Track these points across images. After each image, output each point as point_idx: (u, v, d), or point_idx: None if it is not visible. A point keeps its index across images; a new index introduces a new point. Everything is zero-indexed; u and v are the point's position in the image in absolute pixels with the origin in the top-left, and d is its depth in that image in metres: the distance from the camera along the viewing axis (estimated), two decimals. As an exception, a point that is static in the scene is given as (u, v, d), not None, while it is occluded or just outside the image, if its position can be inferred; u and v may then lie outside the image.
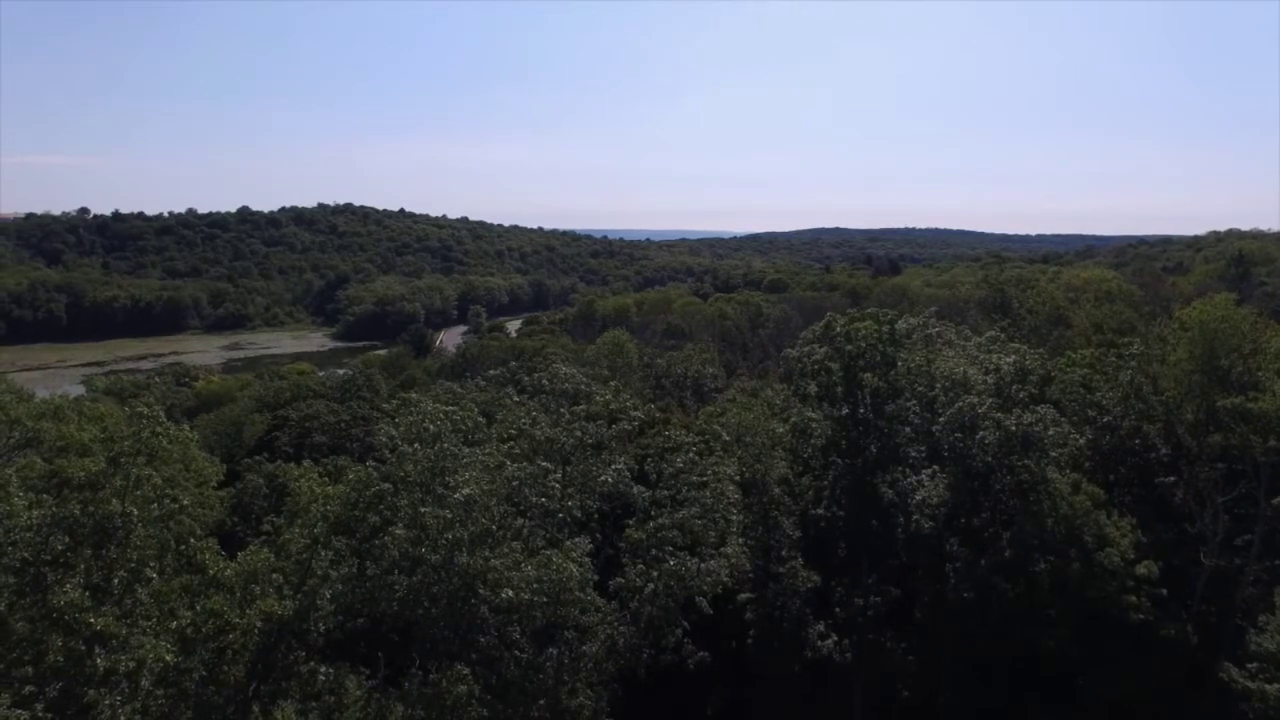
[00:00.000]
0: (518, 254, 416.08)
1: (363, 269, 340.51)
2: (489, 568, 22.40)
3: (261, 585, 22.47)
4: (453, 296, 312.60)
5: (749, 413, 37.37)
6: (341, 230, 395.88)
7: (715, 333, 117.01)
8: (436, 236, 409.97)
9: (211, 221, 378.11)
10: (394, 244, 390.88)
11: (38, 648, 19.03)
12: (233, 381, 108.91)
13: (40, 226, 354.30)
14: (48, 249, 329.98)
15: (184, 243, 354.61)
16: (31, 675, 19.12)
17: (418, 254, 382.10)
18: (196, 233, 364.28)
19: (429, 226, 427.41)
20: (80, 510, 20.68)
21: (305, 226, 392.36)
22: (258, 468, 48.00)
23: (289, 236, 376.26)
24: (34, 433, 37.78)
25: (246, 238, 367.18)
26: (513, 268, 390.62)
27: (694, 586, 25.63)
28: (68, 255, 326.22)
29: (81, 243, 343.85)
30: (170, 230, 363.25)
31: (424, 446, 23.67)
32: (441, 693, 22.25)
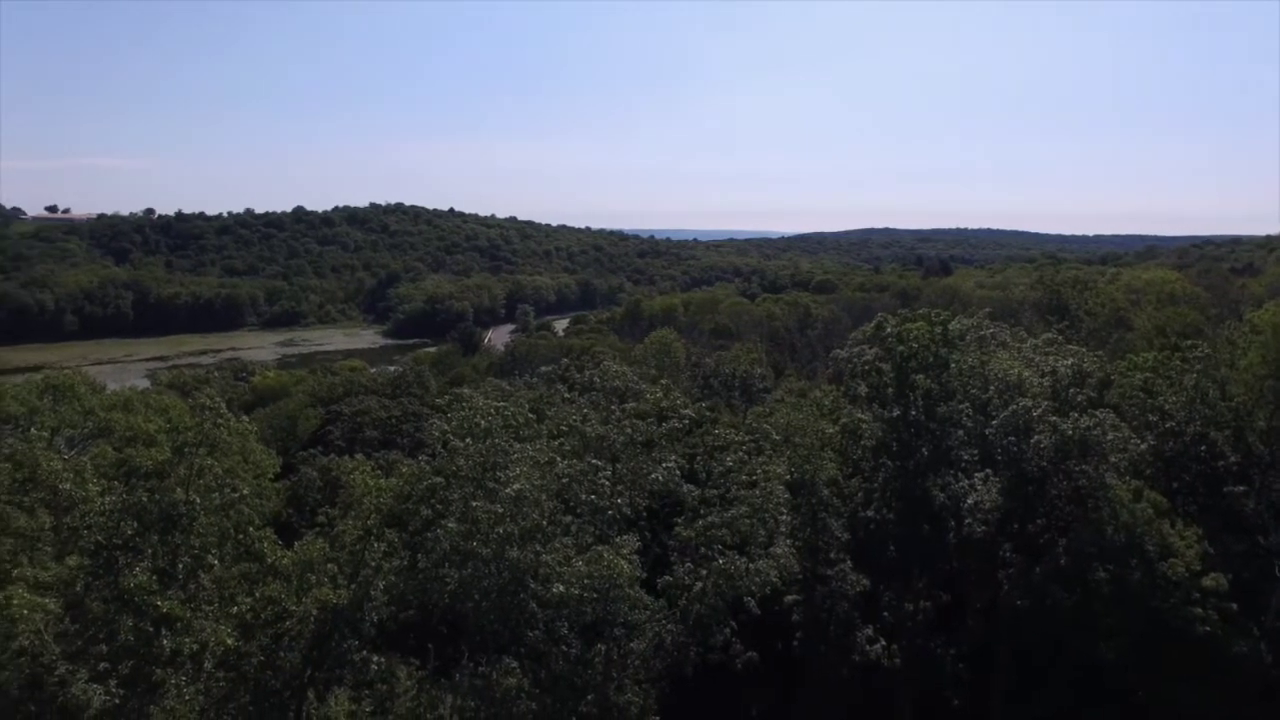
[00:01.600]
0: (565, 253, 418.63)
1: (413, 268, 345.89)
2: (539, 562, 22.60)
3: (317, 575, 23.02)
4: (501, 295, 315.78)
5: (798, 413, 37.07)
6: (393, 229, 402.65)
7: (763, 333, 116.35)
8: (485, 236, 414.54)
9: (268, 221, 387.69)
10: (443, 243, 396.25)
11: (110, 627, 19.88)
12: (287, 377, 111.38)
13: (110, 227, 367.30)
14: (116, 248, 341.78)
15: (242, 242, 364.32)
16: (105, 653, 19.97)
17: (467, 253, 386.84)
18: (254, 232, 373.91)
19: (478, 226, 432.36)
20: (148, 498, 21.46)
21: (357, 226, 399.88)
22: (312, 461, 49.20)
23: (342, 236, 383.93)
24: (105, 423, 39.30)
25: (301, 237, 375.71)
26: (560, 267, 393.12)
27: (742, 586, 25.50)
28: (134, 254, 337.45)
29: (147, 242, 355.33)
30: (229, 230, 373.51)
31: (475, 441, 23.97)
32: (491, 685, 22.51)
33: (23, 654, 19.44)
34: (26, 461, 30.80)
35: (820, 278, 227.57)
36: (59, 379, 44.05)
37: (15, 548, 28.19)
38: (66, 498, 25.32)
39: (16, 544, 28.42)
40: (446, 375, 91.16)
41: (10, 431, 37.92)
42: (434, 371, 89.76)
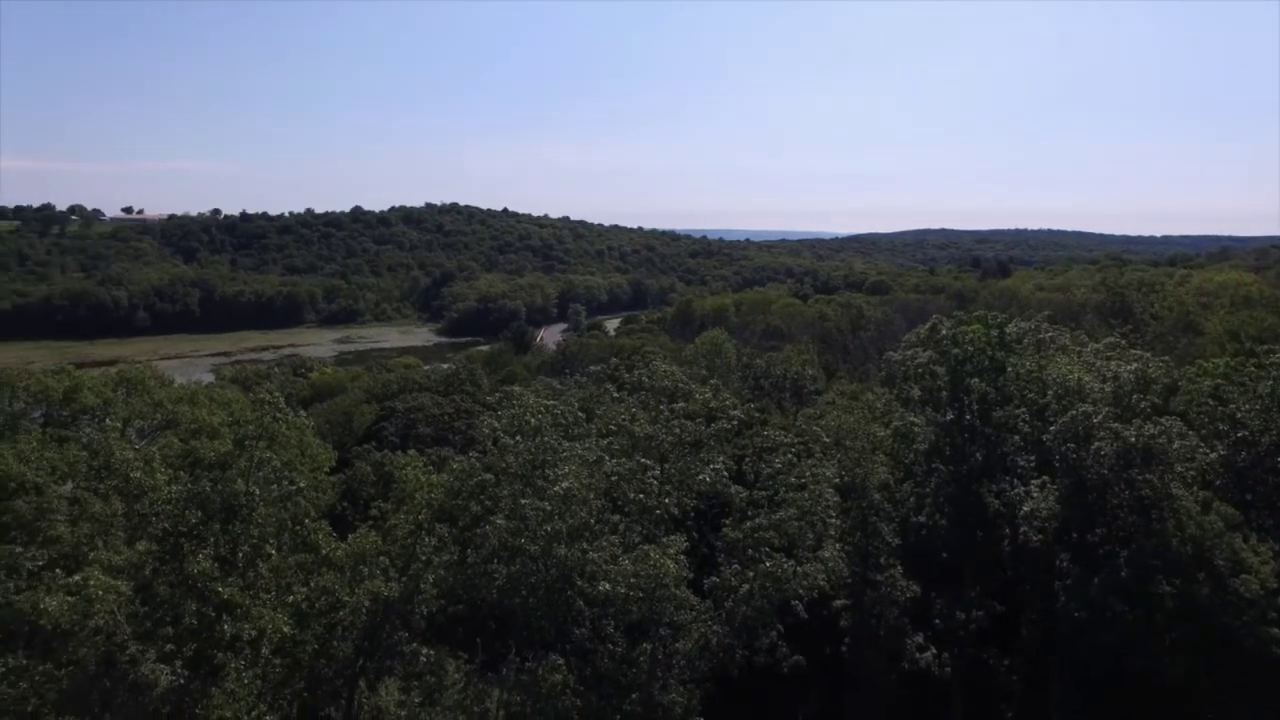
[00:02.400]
0: (617, 253, 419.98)
1: (467, 267, 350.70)
2: (586, 560, 22.74)
3: (369, 567, 23.51)
4: (553, 295, 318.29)
5: (849, 415, 36.63)
6: (447, 229, 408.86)
7: (815, 334, 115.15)
8: (538, 235, 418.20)
9: (327, 221, 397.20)
10: (497, 242, 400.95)
11: (176, 611, 20.69)
12: (344, 373, 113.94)
13: (180, 227, 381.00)
14: (185, 247, 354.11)
15: (302, 241, 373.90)
16: (171, 635, 20.80)
17: (520, 252, 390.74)
18: (314, 231, 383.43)
19: (531, 225, 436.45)
20: (211, 488, 22.21)
21: (413, 225, 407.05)
22: (366, 456, 50.19)
23: (398, 235, 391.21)
24: (173, 415, 40.78)
25: (359, 236, 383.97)
26: (612, 267, 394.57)
27: (789, 589, 25.29)
28: (201, 253, 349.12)
29: (213, 241, 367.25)
30: (290, 229, 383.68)
31: (525, 439, 24.23)
32: (537, 680, 22.72)
33: (98, 633, 20.35)
34: (102, 450, 32.22)
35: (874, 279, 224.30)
36: (131, 373, 45.80)
37: (92, 531, 29.55)
38: (137, 486, 26.35)
39: (93, 528, 29.79)
40: (498, 373, 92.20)
41: (88, 422, 39.65)
42: (486, 370, 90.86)
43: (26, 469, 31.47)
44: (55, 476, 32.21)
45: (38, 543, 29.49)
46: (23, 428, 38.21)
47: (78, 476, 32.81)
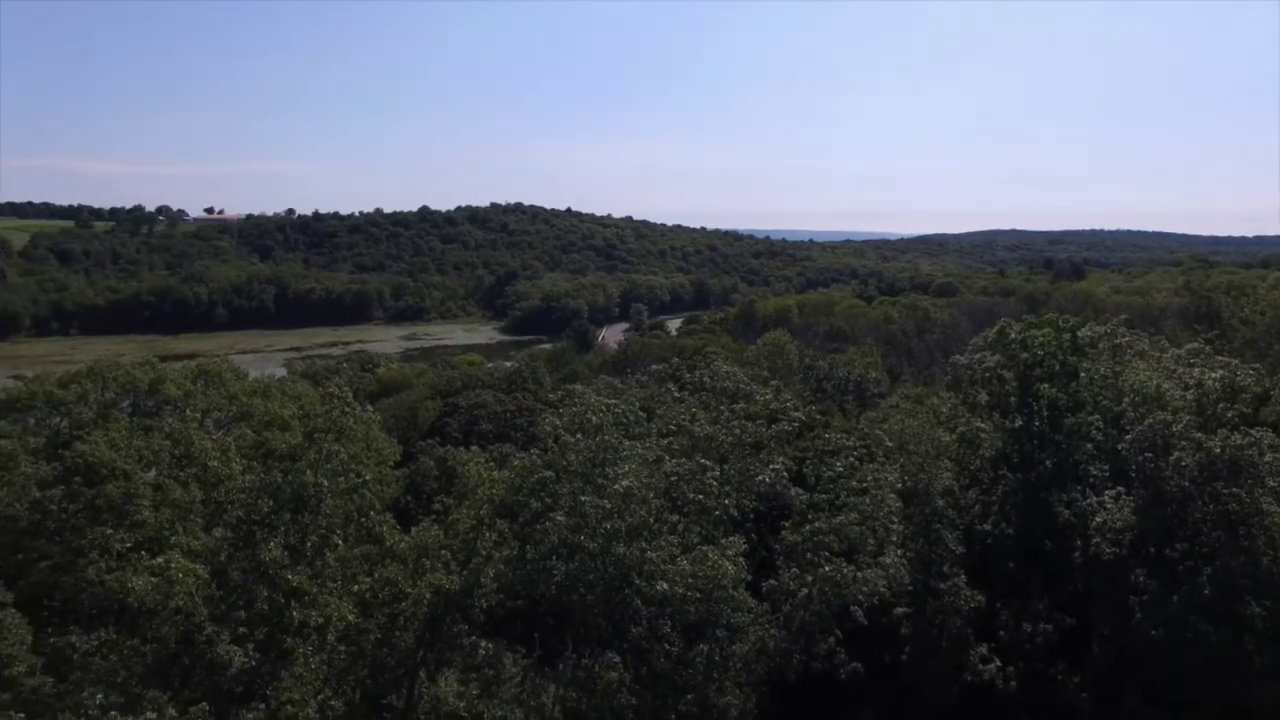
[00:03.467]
0: (680, 253, 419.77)
1: (530, 266, 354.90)
2: (645, 559, 22.80)
3: (431, 560, 23.97)
4: (615, 294, 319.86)
5: (913, 420, 35.93)
6: (512, 228, 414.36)
7: (879, 336, 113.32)
8: (601, 235, 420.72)
9: (395, 220, 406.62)
10: (560, 242, 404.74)
11: (248, 596, 21.54)
12: (409, 370, 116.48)
13: (256, 226, 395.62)
14: (261, 246, 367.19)
15: (371, 240, 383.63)
16: (244, 619, 21.67)
17: (583, 252, 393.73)
18: (382, 230, 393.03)
19: (594, 225, 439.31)
20: (281, 478, 22.97)
21: (478, 225, 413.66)
22: (430, 451, 51.17)
23: (463, 234, 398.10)
24: (247, 408, 42.38)
25: (425, 235, 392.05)
26: (675, 267, 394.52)
27: (849, 595, 24.94)
28: (276, 251, 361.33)
29: (287, 240, 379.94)
30: (359, 228, 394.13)
31: (586, 437, 24.40)
32: (593, 677, 22.89)
33: (178, 613, 21.33)
34: (182, 440, 33.75)
35: (940, 280, 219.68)
36: (210, 366, 47.78)
37: (173, 517, 30.98)
38: (214, 475, 27.48)
39: (174, 514, 31.22)
40: (560, 372, 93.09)
41: (170, 412, 41.52)
42: (548, 368, 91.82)
43: (116, 456, 33.13)
44: (141, 463, 33.84)
45: (125, 526, 31.07)
46: (113, 417, 40.19)
47: (161, 464, 34.41)
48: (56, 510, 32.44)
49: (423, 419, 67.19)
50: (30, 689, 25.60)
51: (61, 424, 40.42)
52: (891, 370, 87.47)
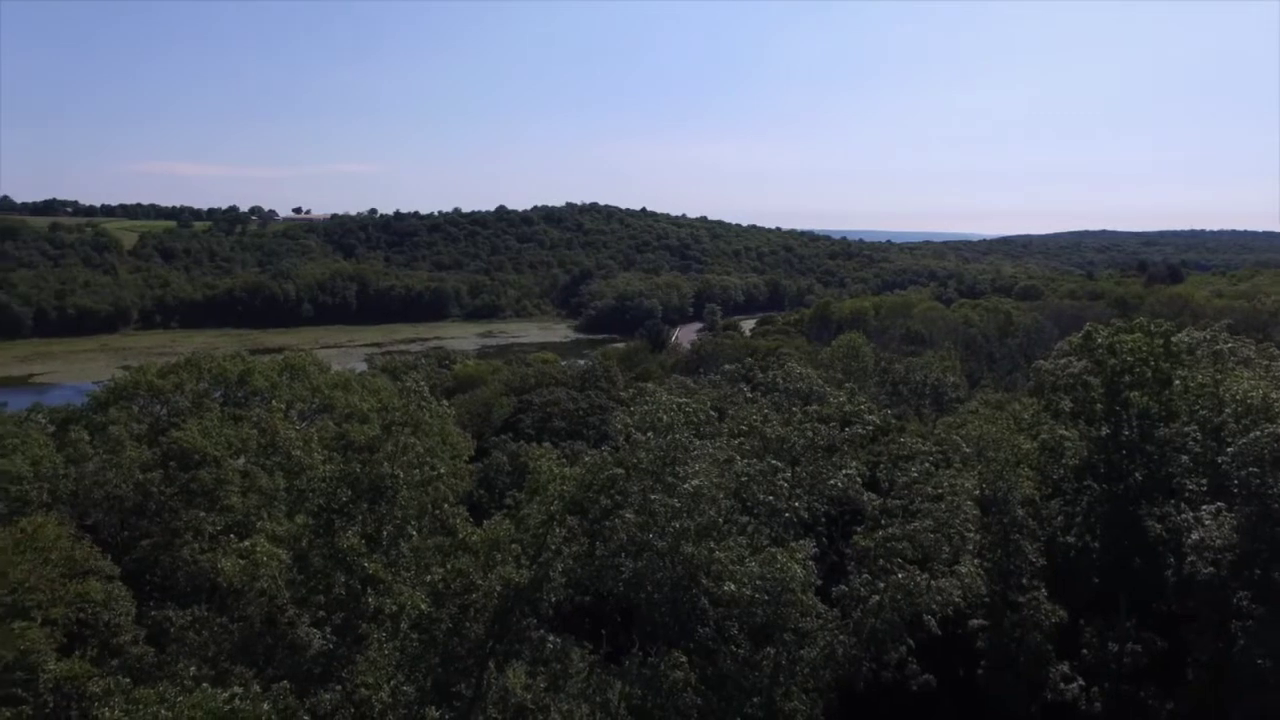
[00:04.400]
0: (755, 253, 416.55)
1: (605, 265, 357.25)
2: (713, 560, 22.69)
3: (502, 553, 24.32)
4: (689, 294, 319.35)
5: (992, 426, 34.79)
6: (587, 228, 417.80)
7: (958, 340, 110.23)
8: (675, 235, 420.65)
9: (473, 219, 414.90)
10: (635, 241, 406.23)
11: (327, 581, 22.30)
12: (485, 366, 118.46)
13: (341, 225, 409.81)
14: (345, 244, 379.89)
15: (449, 239, 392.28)
16: (323, 603, 22.48)
17: (657, 252, 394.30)
18: (460, 229, 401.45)
19: (669, 225, 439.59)
20: (360, 469, 23.68)
21: (554, 224, 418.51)
22: (503, 446, 52.03)
23: (539, 234, 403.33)
24: (329, 400, 43.92)
25: (502, 234, 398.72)
26: (749, 267, 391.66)
27: (922, 604, 24.29)
28: (359, 249, 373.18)
29: (370, 238, 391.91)
30: (438, 228, 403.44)
31: (657, 436, 24.40)
32: (658, 676, 22.87)
33: (263, 594, 22.28)
34: (268, 430, 35.17)
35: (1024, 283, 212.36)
36: (295, 360, 49.68)
37: (259, 503, 32.36)
38: (297, 464, 28.56)
39: (260, 500, 32.61)
40: (633, 370, 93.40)
41: (258, 403, 43.36)
42: (621, 366, 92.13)
43: (208, 443, 34.76)
44: (231, 451, 35.40)
45: (216, 509, 32.62)
46: (206, 406, 42.20)
47: (249, 452, 35.95)
48: (156, 492, 34.26)
49: (497, 415, 68.30)
50: (135, 657, 27.19)
51: (161, 412, 42.67)
52: (970, 375, 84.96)
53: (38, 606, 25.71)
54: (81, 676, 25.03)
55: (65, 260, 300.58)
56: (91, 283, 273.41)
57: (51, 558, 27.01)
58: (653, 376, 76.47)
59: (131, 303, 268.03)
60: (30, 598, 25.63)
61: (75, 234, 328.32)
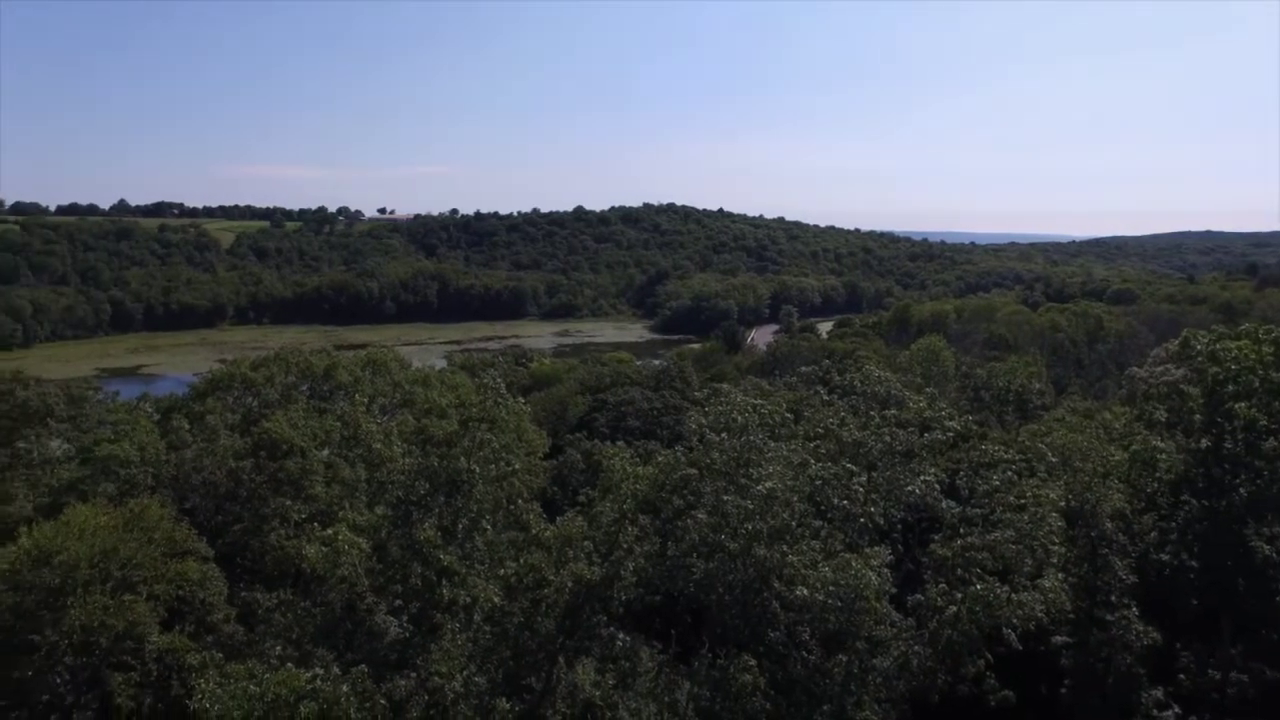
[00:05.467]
0: (832, 255, 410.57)
1: (681, 266, 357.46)
2: (785, 563, 22.43)
3: (574, 550, 24.57)
4: (765, 295, 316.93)
5: (1080, 435, 33.43)
6: (664, 228, 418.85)
7: (1044, 345, 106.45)
8: (752, 236, 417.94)
9: (551, 220, 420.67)
10: (711, 242, 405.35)
11: (404, 571, 22.96)
12: (560, 365, 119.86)
13: (423, 225, 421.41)
14: (426, 244, 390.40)
15: (527, 239, 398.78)
16: (400, 593, 23.17)
17: (734, 252, 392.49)
18: (538, 229, 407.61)
19: (745, 226, 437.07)
20: (438, 463, 24.28)
21: (631, 225, 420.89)
22: (577, 444, 52.54)
23: (616, 234, 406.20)
24: (409, 395, 45.25)
25: (579, 234, 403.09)
26: (826, 269, 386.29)
27: (1002, 617, 23.47)
28: (440, 249, 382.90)
29: (451, 238, 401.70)
30: (517, 228, 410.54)
31: (731, 436, 24.26)
32: (728, 679, 22.72)
33: (343, 581, 23.08)
34: (351, 422, 36.37)
35: (1117, 286, 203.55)
36: (377, 355, 51.33)
37: (341, 493, 33.55)
38: (378, 456, 29.39)
39: (342, 490, 33.81)
40: (708, 371, 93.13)
41: (341, 396, 44.96)
42: (696, 367, 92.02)
43: (295, 434, 36.21)
44: (316, 442, 36.80)
45: (301, 498, 33.97)
46: (293, 398, 43.99)
47: (332, 444, 37.30)
48: (247, 479, 35.90)
49: (571, 413, 68.97)
50: (226, 634, 28.70)
51: (253, 403, 44.66)
52: (1057, 382, 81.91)
53: (143, 582, 27.43)
54: (181, 649, 26.70)
55: (171, 259, 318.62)
56: (193, 280, 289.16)
57: (155, 537, 28.71)
58: (727, 378, 76.01)
59: (228, 299, 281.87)
60: (137, 574, 27.36)
61: (180, 234, 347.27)
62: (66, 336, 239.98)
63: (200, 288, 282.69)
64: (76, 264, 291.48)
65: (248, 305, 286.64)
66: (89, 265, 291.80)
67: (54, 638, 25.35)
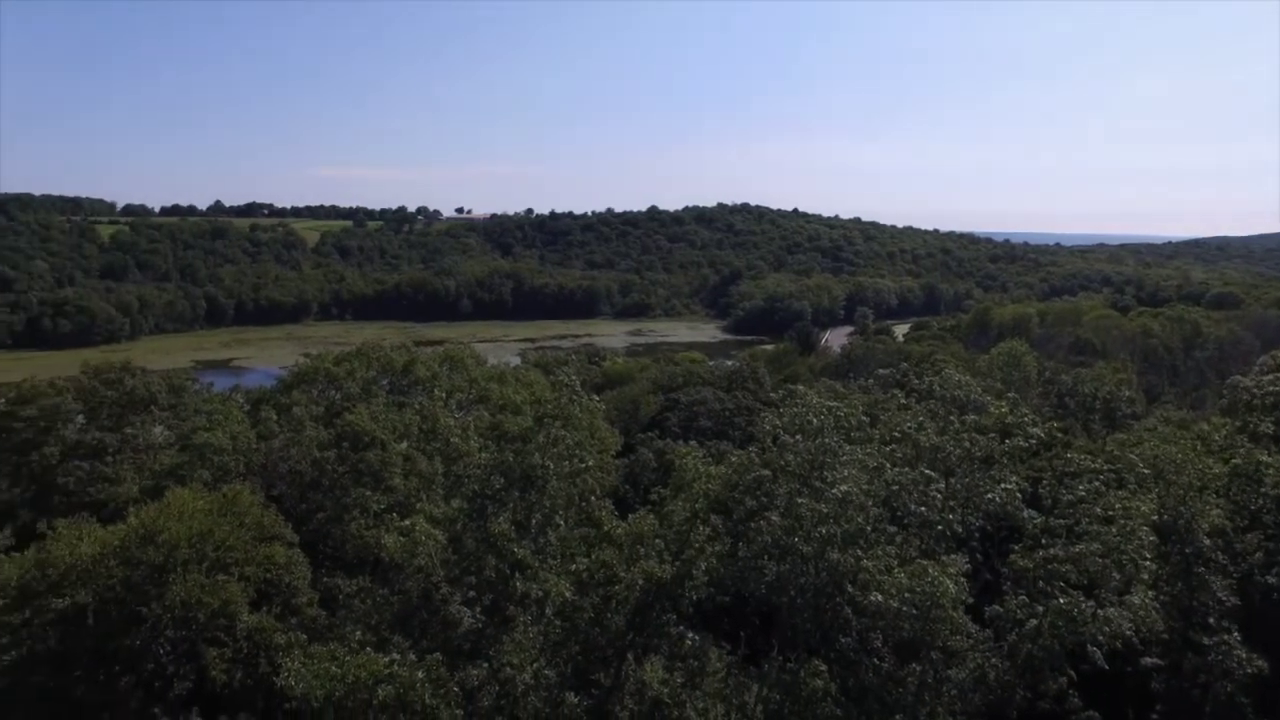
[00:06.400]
0: (910, 256, 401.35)
1: (755, 266, 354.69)
2: (859, 568, 22.06)
3: (645, 548, 24.68)
4: (840, 296, 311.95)
5: (1174, 446, 31.86)
6: (737, 228, 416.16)
7: (1135, 351, 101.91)
8: (828, 236, 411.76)
9: (624, 219, 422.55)
10: (786, 242, 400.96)
11: (478, 563, 23.47)
12: (633, 364, 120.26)
13: (499, 224, 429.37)
14: (502, 243, 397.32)
15: (601, 238, 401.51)
16: (474, 584, 23.69)
17: (808, 253, 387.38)
18: (612, 229, 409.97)
19: (820, 226, 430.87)
20: (512, 458, 24.71)
21: (705, 225, 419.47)
22: (649, 443, 52.72)
23: (690, 234, 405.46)
24: (484, 391, 46.15)
25: (653, 234, 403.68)
26: (904, 270, 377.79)
27: (1086, 633, 22.55)
28: (516, 248, 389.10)
29: (526, 237, 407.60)
30: (591, 227, 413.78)
31: (805, 438, 23.98)
32: (798, 683, 22.47)
33: (420, 571, 23.75)
34: (429, 417, 37.37)
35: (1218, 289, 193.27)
36: (454, 352, 52.56)
37: (419, 486, 34.46)
38: (455, 450, 30.19)
39: (419, 483, 34.74)
40: (781, 373, 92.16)
41: (420, 391, 46.17)
42: (769, 368, 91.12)
43: (375, 427, 37.35)
44: (395, 435, 37.88)
45: (381, 489, 35.04)
46: (373, 392, 45.38)
47: (410, 437, 38.34)
48: (330, 469, 37.23)
49: (644, 412, 69.21)
50: (310, 617, 29.90)
51: (335, 396, 46.25)
52: (1149, 390, 78.40)
53: (235, 564, 28.84)
54: (268, 629, 28.00)
55: (261, 257, 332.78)
56: (281, 278, 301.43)
57: (246, 522, 30.12)
58: (801, 379, 75.08)
59: (313, 296, 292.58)
60: (229, 555, 28.78)
61: (269, 233, 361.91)
62: (167, 330, 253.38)
63: (287, 285, 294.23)
64: (177, 261, 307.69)
65: (331, 302, 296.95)
66: (188, 263, 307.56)
67: (158, 611, 26.95)
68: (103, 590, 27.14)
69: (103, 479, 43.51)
